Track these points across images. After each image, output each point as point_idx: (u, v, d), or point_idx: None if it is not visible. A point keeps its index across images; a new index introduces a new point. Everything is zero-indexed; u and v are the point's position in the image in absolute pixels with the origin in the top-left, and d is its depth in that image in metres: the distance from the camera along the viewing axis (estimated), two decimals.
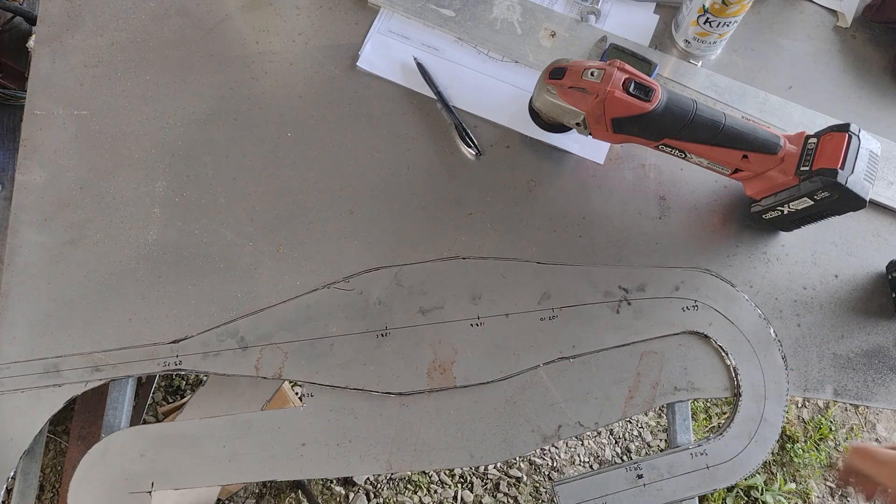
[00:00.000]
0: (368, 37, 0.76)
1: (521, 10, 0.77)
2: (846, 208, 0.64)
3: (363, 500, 1.39)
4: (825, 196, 0.63)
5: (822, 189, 0.62)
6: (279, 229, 0.70)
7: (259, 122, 0.73)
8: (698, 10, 0.71)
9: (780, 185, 0.65)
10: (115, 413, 0.67)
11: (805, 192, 0.63)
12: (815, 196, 0.63)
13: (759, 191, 0.67)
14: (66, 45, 0.75)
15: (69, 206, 0.70)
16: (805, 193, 0.63)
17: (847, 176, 0.61)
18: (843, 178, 0.60)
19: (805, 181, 0.63)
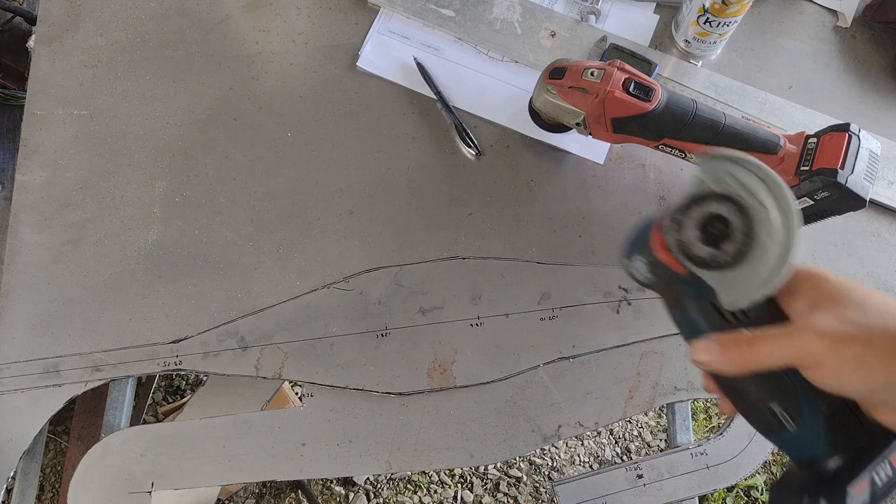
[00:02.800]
0: (368, 37, 0.76)
1: (520, 9, 0.77)
2: (846, 208, 0.64)
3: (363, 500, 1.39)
4: (825, 196, 0.62)
5: (822, 189, 0.62)
6: (279, 229, 0.70)
7: (259, 123, 0.73)
8: (698, 10, 0.71)
9: None
10: (114, 413, 0.67)
11: (805, 191, 0.63)
12: (815, 196, 0.63)
13: None
14: (66, 44, 0.75)
15: (69, 206, 0.70)
16: (805, 193, 0.63)
17: (847, 176, 0.60)
18: (844, 177, 0.60)
19: (805, 181, 0.63)
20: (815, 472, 0.40)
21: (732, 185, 0.38)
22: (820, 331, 0.37)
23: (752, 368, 0.39)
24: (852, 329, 0.37)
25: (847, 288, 0.39)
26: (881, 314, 0.37)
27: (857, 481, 0.38)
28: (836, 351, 0.36)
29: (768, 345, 0.38)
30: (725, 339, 0.40)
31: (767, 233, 0.37)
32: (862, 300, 0.38)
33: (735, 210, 0.38)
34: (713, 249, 0.38)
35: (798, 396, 0.39)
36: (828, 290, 0.39)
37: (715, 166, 0.39)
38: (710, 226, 0.38)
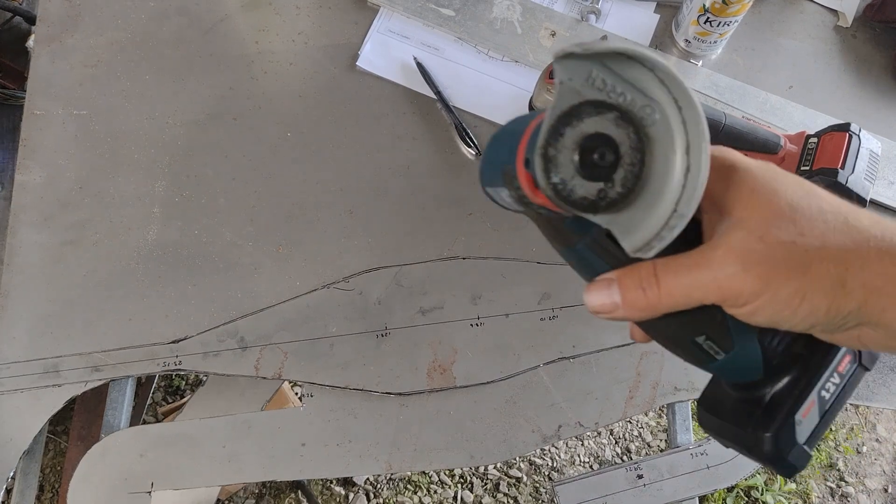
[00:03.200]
0: (368, 36, 0.76)
1: (521, 9, 0.77)
2: None
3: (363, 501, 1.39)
4: None
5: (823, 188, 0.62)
6: (279, 229, 0.70)
7: (259, 122, 0.73)
8: (699, 10, 0.71)
9: None
10: (114, 413, 0.67)
11: None
12: None
13: None
14: (66, 44, 0.75)
15: (69, 206, 0.70)
16: None
17: (847, 176, 0.61)
18: (844, 177, 0.60)
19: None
20: (753, 397, 0.35)
21: (607, 88, 0.28)
22: (741, 260, 0.29)
23: (664, 312, 0.32)
24: (783, 255, 0.29)
25: (766, 182, 0.31)
26: (816, 223, 0.29)
27: (804, 405, 0.33)
28: (765, 288, 0.29)
29: (678, 283, 0.30)
30: (625, 279, 0.32)
31: (668, 143, 0.28)
32: (790, 202, 0.30)
33: (619, 122, 0.28)
34: (600, 184, 0.28)
35: (725, 324, 0.33)
36: (743, 188, 0.31)
37: (579, 65, 0.28)
38: (589, 152, 0.28)
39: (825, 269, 0.29)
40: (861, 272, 0.28)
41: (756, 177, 0.31)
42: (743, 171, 0.31)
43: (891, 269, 0.28)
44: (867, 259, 0.28)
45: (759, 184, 0.30)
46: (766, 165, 0.32)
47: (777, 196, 0.30)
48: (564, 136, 0.28)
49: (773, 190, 0.30)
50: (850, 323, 0.30)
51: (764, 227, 0.29)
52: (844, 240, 0.29)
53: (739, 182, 0.31)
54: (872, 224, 0.30)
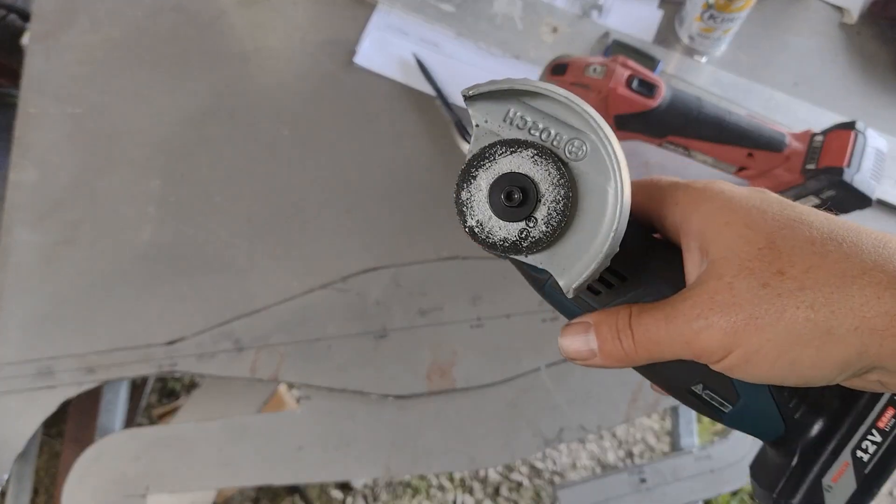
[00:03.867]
0: (366, 32, 0.75)
1: (521, 4, 0.76)
2: (852, 207, 0.63)
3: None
4: (831, 195, 0.62)
5: (828, 187, 0.61)
6: (275, 229, 0.69)
7: (255, 120, 0.73)
8: (702, 6, 0.70)
9: (785, 183, 0.64)
10: (109, 415, 0.67)
11: (811, 190, 0.62)
12: (821, 195, 0.62)
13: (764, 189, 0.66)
14: (61, 42, 0.74)
15: (63, 206, 0.69)
16: (811, 192, 0.62)
17: (853, 174, 0.60)
18: (849, 176, 0.60)
19: (811, 179, 0.62)
20: (785, 457, 0.30)
21: (528, 126, 0.27)
22: (707, 314, 0.26)
23: (641, 364, 0.29)
24: (751, 303, 0.25)
25: (744, 212, 0.27)
26: (799, 258, 0.25)
27: (834, 467, 0.29)
28: (733, 344, 0.26)
29: (649, 337, 0.28)
30: (602, 325, 0.29)
31: (599, 175, 0.27)
32: (770, 235, 0.26)
33: (536, 159, 0.27)
34: (521, 224, 0.27)
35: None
36: (718, 221, 0.27)
37: (493, 105, 0.27)
38: (503, 192, 0.26)
39: (802, 315, 0.24)
40: (851, 315, 0.24)
41: (733, 208, 0.27)
42: (720, 202, 0.28)
43: (893, 307, 0.24)
44: (862, 297, 0.24)
45: (736, 216, 0.27)
46: (748, 192, 0.28)
47: (755, 229, 0.26)
48: (477, 178, 0.27)
49: (750, 222, 0.27)
50: (854, 371, 0.25)
51: (735, 271, 0.26)
52: (830, 275, 0.25)
53: (715, 214, 0.27)
54: (874, 249, 0.25)
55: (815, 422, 0.30)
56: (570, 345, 0.30)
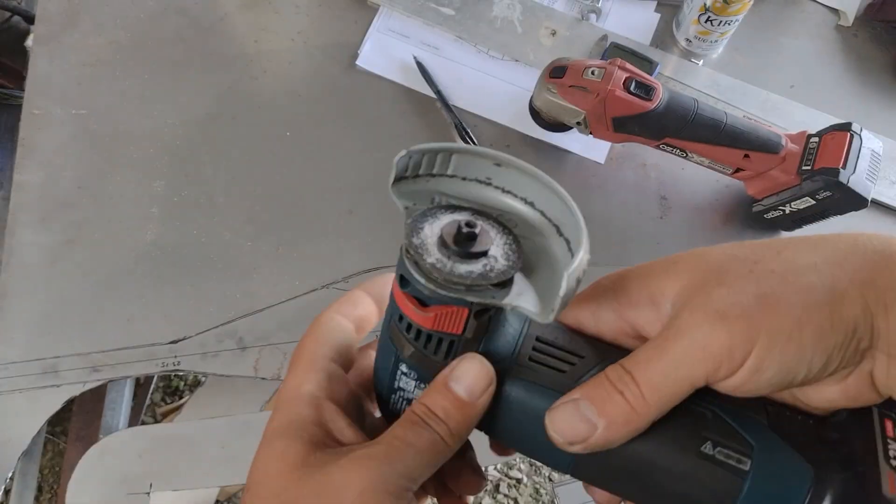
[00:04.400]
0: (368, 35, 0.76)
1: (521, 8, 0.77)
2: (848, 208, 0.63)
3: None
4: (827, 196, 0.62)
5: (824, 189, 0.62)
6: (278, 229, 0.70)
7: (258, 122, 0.73)
8: (699, 9, 0.71)
9: (781, 184, 0.64)
10: (113, 414, 0.67)
11: (807, 191, 0.63)
12: (817, 195, 0.63)
13: (760, 190, 0.67)
14: (65, 44, 0.75)
15: (67, 206, 0.70)
16: (807, 193, 0.63)
17: (849, 175, 0.60)
18: (845, 177, 0.60)
19: (807, 180, 0.62)
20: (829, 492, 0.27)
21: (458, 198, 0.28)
22: (714, 316, 0.24)
23: (654, 415, 0.26)
24: (754, 290, 0.25)
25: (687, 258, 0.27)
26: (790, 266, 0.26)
27: (884, 478, 0.26)
28: (756, 331, 0.24)
29: (658, 369, 0.25)
30: (593, 391, 0.26)
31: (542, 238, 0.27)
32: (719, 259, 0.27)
33: (476, 216, 0.27)
34: (482, 260, 0.25)
35: (724, 420, 0.27)
36: (663, 274, 0.27)
37: (415, 191, 0.28)
38: (463, 226, 0.26)
39: (808, 280, 0.25)
40: (851, 273, 0.25)
41: (681, 255, 0.28)
42: (667, 259, 0.28)
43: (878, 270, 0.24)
44: (857, 260, 0.25)
45: (680, 256, 0.28)
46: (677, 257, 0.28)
47: (697, 262, 0.27)
48: (424, 229, 0.26)
49: (695, 254, 0.27)
50: (863, 342, 0.25)
51: (715, 279, 0.26)
52: (805, 248, 0.26)
53: (659, 263, 0.28)
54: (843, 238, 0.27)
55: (831, 457, 0.27)
56: (562, 426, 0.26)
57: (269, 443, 0.28)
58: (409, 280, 0.25)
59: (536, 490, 1.42)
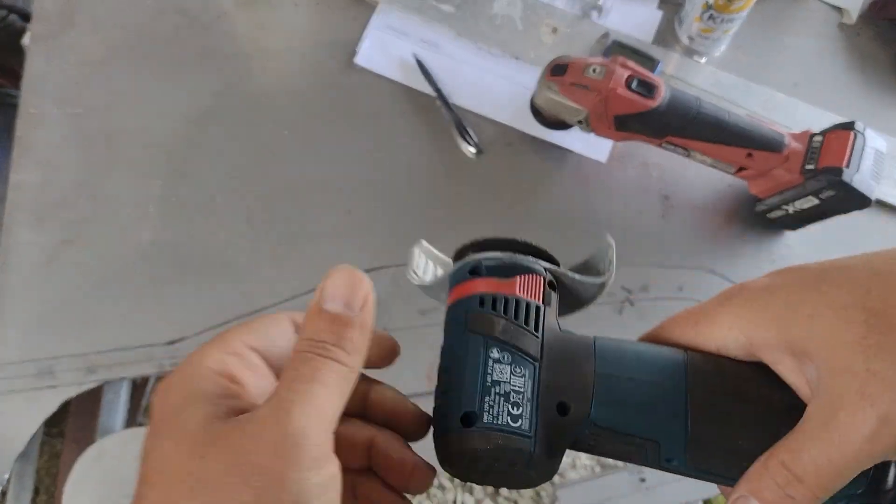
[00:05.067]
0: (366, 33, 0.75)
1: (521, 5, 0.76)
2: (852, 207, 0.63)
3: None
4: (830, 195, 0.62)
5: (827, 188, 0.61)
6: (276, 229, 0.69)
7: (255, 121, 0.73)
8: (702, 6, 0.70)
9: (785, 183, 0.64)
10: (110, 415, 0.67)
11: (810, 190, 0.62)
12: (821, 195, 0.62)
13: (763, 189, 0.66)
14: (61, 42, 0.74)
15: (64, 206, 0.69)
16: (810, 192, 0.62)
17: (852, 174, 0.60)
18: (849, 176, 0.60)
19: (810, 180, 0.62)
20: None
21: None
22: (885, 418, 0.23)
23: (825, 501, 0.26)
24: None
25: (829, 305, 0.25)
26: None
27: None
28: None
29: (828, 467, 0.24)
30: (763, 492, 0.26)
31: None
32: (867, 307, 0.24)
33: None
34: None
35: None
36: (809, 327, 0.25)
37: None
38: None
39: None
40: None
41: (805, 297, 0.26)
42: (779, 301, 0.26)
43: None
44: None
45: (814, 304, 0.25)
46: (778, 278, 0.27)
47: (844, 307, 0.25)
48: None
49: (834, 302, 0.25)
50: None
51: (863, 357, 0.24)
52: None
53: (787, 311, 0.26)
54: None
55: None
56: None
57: (162, 422, 0.24)
58: (486, 264, 0.31)
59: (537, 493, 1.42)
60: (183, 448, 0.23)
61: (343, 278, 0.27)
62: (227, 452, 0.22)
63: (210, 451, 0.22)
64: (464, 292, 0.29)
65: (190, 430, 0.23)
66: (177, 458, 0.23)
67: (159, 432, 0.24)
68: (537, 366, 0.29)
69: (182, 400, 0.25)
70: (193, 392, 0.25)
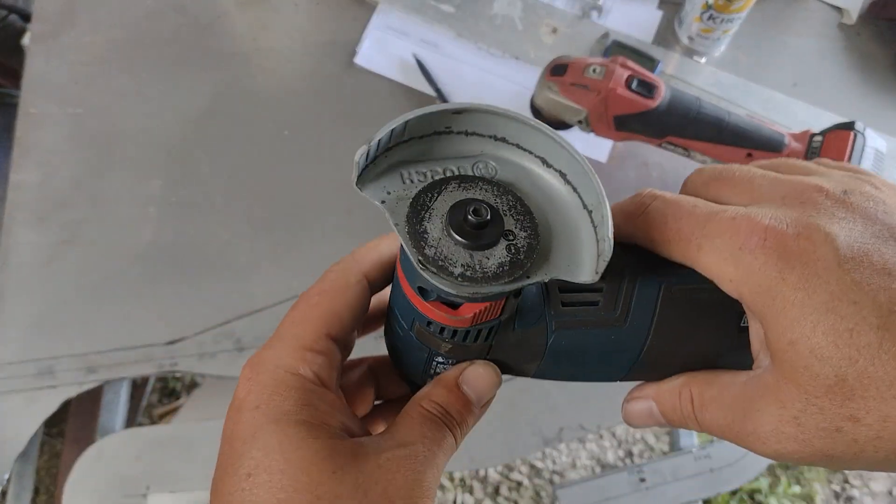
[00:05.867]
0: (366, 33, 0.75)
1: (521, 5, 0.76)
2: None
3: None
4: None
5: None
6: (276, 229, 0.69)
7: (256, 121, 0.73)
8: (702, 6, 0.70)
9: None
10: (109, 415, 0.67)
11: None
12: None
13: None
14: (61, 42, 0.74)
15: (64, 206, 0.69)
16: None
17: None
18: None
19: None
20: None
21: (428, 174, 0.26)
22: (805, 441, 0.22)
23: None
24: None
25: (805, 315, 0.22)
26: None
27: None
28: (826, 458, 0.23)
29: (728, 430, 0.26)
30: (668, 406, 0.29)
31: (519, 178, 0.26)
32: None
33: (461, 187, 0.25)
34: (503, 244, 0.24)
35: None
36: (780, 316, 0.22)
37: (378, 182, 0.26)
38: (473, 211, 0.23)
39: (881, 458, 0.22)
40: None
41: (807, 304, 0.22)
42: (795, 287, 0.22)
43: None
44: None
45: (807, 320, 0.22)
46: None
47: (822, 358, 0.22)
48: (427, 232, 0.23)
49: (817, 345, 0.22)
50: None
51: (801, 405, 0.22)
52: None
53: (785, 302, 0.22)
54: None
55: None
56: (633, 419, 0.32)
57: (279, 425, 0.25)
58: (437, 292, 0.24)
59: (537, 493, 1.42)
60: (309, 456, 0.24)
61: (487, 375, 0.28)
62: (360, 476, 0.24)
63: (342, 469, 0.24)
64: (413, 303, 0.26)
65: (315, 442, 0.24)
66: (302, 465, 0.24)
67: (273, 432, 0.24)
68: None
69: (292, 407, 0.25)
70: (301, 402, 0.26)
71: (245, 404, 0.26)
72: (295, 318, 0.29)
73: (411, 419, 0.27)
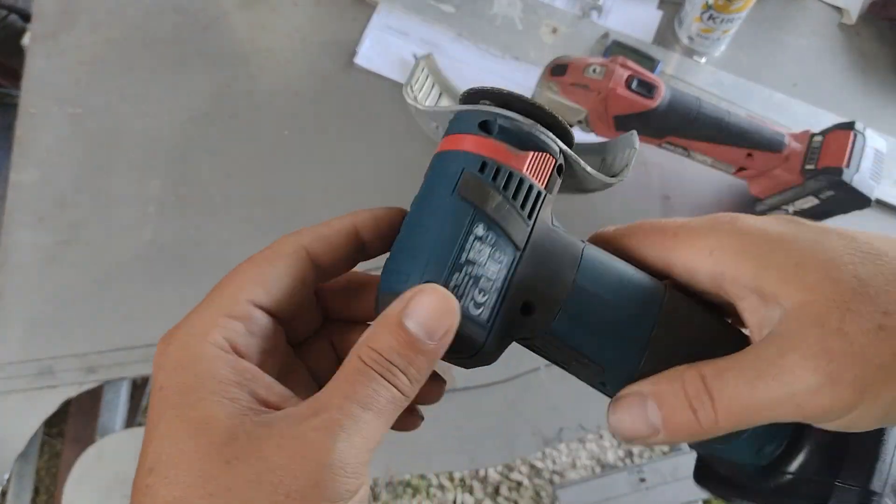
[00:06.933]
0: (366, 33, 0.75)
1: (521, 5, 0.76)
2: (851, 207, 0.63)
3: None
4: (830, 195, 0.62)
5: (827, 188, 0.61)
6: (276, 229, 0.69)
7: (256, 120, 0.73)
8: (702, 6, 0.70)
9: (784, 183, 0.64)
10: (109, 415, 0.67)
11: (810, 190, 0.62)
12: (820, 195, 0.62)
13: (763, 189, 0.66)
14: (61, 42, 0.74)
15: (64, 206, 0.69)
16: (810, 192, 0.62)
17: (852, 175, 0.60)
18: (849, 176, 0.60)
19: (810, 180, 0.62)
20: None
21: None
22: (825, 368, 0.21)
23: (721, 434, 0.24)
24: (874, 349, 0.21)
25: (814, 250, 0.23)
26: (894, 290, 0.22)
27: None
28: (860, 399, 0.22)
29: (741, 402, 0.23)
30: (666, 396, 0.24)
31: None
32: (855, 272, 0.22)
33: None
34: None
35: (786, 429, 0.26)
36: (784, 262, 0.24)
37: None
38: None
39: None
40: None
41: (798, 247, 0.23)
42: (766, 240, 0.24)
43: None
44: None
45: (805, 255, 0.23)
46: (776, 221, 0.25)
47: (835, 267, 0.22)
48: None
49: (826, 260, 0.23)
50: None
51: (838, 314, 0.22)
52: None
53: (774, 254, 0.24)
54: None
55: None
56: (623, 423, 0.25)
57: (177, 409, 0.22)
58: (503, 124, 0.26)
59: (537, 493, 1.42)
60: (203, 445, 0.21)
61: (436, 300, 0.23)
62: (256, 464, 0.21)
63: (237, 458, 0.21)
64: (466, 146, 0.25)
65: (211, 427, 0.21)
66: (195, 456, 0.21)
67: (170, 419, 0.22)
68: (518, 256, 0.26)
69: (194, 382, 0.23)
70: (205, 376, 0.23)
71: (154, 385, 0.23)
72: (216, 287, 0.26)
73: (337, 378, 0.23)
